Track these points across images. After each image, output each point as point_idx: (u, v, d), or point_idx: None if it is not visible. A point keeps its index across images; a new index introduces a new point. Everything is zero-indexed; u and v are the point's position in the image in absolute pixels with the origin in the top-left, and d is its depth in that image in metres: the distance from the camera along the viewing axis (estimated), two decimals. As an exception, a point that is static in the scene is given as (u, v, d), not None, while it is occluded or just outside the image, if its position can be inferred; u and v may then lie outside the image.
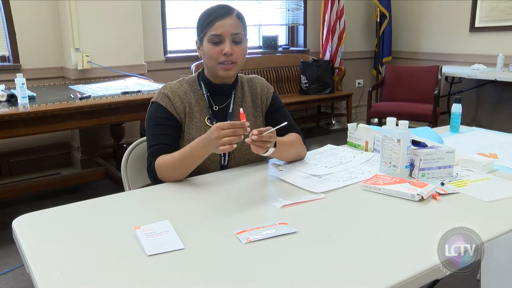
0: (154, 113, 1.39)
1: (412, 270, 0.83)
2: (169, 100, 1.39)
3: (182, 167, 1.30)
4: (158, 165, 1.31)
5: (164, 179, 1.32)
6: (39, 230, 1.02)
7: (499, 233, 0.97)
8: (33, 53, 3.40)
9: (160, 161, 1.31)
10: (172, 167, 1.30)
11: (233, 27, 1.34)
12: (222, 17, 1.34)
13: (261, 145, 1.20)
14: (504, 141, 1.74)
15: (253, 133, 1.18)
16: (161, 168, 1.30)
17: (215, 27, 1.33)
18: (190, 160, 1.29)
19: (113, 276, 0.83)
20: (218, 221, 1.05)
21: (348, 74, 5.03)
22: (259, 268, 0.85)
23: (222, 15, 1.34)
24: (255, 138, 1.18)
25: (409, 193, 1.15)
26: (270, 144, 1.23)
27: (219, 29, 1.33)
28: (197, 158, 1.29)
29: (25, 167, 3.48)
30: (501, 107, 4.43)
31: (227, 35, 1.34)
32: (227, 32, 1.34)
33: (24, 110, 2.36)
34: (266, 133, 1.19)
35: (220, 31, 1.33)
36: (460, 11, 4.54)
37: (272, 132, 1.22)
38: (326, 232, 1.00)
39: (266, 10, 4.76)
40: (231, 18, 1.35)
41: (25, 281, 2.12)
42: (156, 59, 4.00)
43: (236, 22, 1.36)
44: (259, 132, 1.18)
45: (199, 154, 1.27)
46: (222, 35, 1.34)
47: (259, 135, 1.18)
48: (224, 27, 1.33)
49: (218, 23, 1.33)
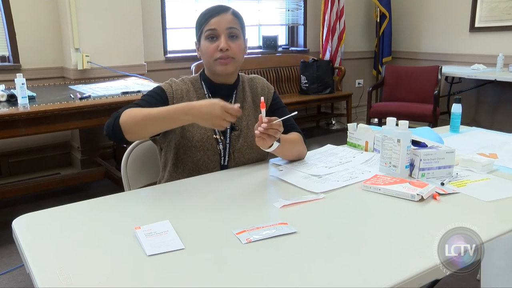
0: (152, 90, 1.40)
1: (412, 270, 0.83)
2: (171, 90, 1.40)
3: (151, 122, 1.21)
4: (128, 111, 1.23)
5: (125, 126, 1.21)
6: (39, 230, 1.02)
7: (499, 233, 0.97)
8: (33, 53, 3.40)
9: (132, 110, 1.24)
10: (141, 117, 1.21)
11: (228, 22, 1.35)
12: (217, 14, 1.35)
13: (272, 134, 1.20)
14: (504, 141, 1.74)
15: (263, 121, 1.18)
16: (130, 113, 1.22)
17: (210, 23, 1.35)
18: (164, 120, 1.20)
19: (113, 276, 0.83)
20: (218, 221, 1.05)
21: (348, 74, 5.03)
22: (259, 268, 0.85)
23: (217, 12, 1.36)
24: (265, 126, 1.17)
25: (409, 193, 1.15)
26: (277, 135, 1.23)
27: (214, 24, 1.34)
28: (173, 121, 1.21)
29: (25, 167, 3.48)
30: (501, 107, 4.43)
31: (222, 29, 1.34)
32: (221, 26, 1.34)
33: (24, 110, 2.36)
34: (276, 121, 1.20)
35: (214, 26, 1.34)
36: (460, 11, 4.54)
37: (280, 123, 1.22)
38: (326, 232, 1.00)
39: (266, 10, 4.76)
40: (226, 15, 1.36)
41: (25, 281, 2.12)
42: (156, 59, 4.00)
43: (231, 18, 1.37)
44: (269, 120, 1.18)
45: (180, 118, 1.20)
46: (216, 29, 1.34)
47: (269, 123, 1.18)
48: (219, 22, 1.34)
49: (213, 20, 1.35)
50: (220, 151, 1.40)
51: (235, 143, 1.43)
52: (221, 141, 1.41)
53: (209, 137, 1.39)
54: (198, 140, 1.38)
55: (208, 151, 1.38)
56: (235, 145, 1.42)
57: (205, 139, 1.38)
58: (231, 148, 1.42)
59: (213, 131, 1.40)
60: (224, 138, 1.41)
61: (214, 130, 1.40)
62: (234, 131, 1.43)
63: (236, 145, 1.42)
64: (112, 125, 1.24)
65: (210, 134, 1.39)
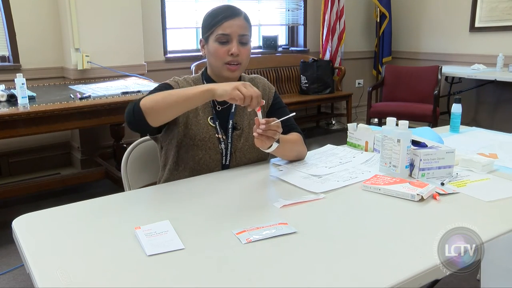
0: (159, 86, 1.40)
1: (412, 270, 0.83)
2: (178, 86, 1.40)
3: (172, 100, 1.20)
4: (146, 97, 1.24)
5: (146, 108, 1.21)
6: (39, 230, 1.02)
7: (499, 233, 0.97)
8: (33, 53, 3.40)
9: (150, 95, 1.25)
10: (161, 97, 1.21)
11: (241, 28, 1.35)
12: (230, 18, 1.35)
13: (271, 135, 1.20)
14: (504, 141, 1.74)
15: (261, 122, 1.17)
16: (149, 97, 1.23)
17: (224, 26, 1.34)
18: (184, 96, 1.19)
19: (113, 276, 0.83)
20: (218, 221, 1.05)
21: (348, 74, 5.03)
22: (259, 268, 0.85)
23: (230, 15, 1.35)
24: (264, 127, 1.17)
25: (409, 193, 1.15)
26: (276, 136, 1.22)
27: (227, 29, 1.34)
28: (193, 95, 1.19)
29: (25, 167, 3.48)
30: (501, 107, 4.43)
31: (235, 35, 1.34)
32: (235, 32, 1.34)
33: (24, 110, 2.36)
34: (274, 123, 1.20)
35: (228, 31, 1.34)
36: (460, 11, 4.54)
37: (278, 123, 1.22)
38: (326, 232, 1.00)
39: (266, 10, 4.76)
40: (239, 19, 1.36)
41: (25, 281, 2.12)
42: (156, 59, 4.00)
43: (243, 23, 1.36)
44: (266, 122, 1.18)
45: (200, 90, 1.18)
46: (230, 35, 1.34)
47: (267, 124, 1.18)
48: (232, 27, 1.34)
49: (226, 23, 1.34)
50: (221, 150, 1.41)
51: (237, 143, 1.43)
52: (223, 141, 1.41)
53: (211, 136, 1.39)
54: (200, 138, 1.38)
55: (210, 150, 1.39)
56: (236, 145, 1.43)
57: (207, 138, 1.38)
58: (233, 147, 1.42)
59: (216, 131, 1.40)
60: (226, 138, 1.42)
61: (216, 129, 1.40)
62: (236, 130, 1.43)
63: (238, 145, 1.43)
64: (133, 109, 1.23)
65: (212, 133, 1.39)
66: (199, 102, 1.22)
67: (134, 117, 1.22)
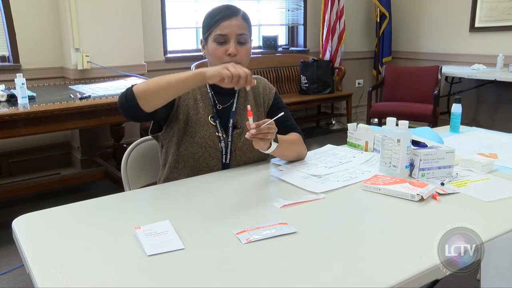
0: None
1: (412, 270, 0.83)
2: None
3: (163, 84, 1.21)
4: (140, 83, 1.25)
5: (139, 93, 1.22)
6: (39, 230, 1.02)
7: (499, 233, 0.97)
8: (33, 53, 3.40)
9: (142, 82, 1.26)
10: (153, 82, 1.22)
11: (239, 27, 1.35)
12: (228, 17, 1.35)
13: (262, 137, 1.20)
14: (504, 141, 1.74)
15: (252, 127, 1.18)
16: (142, 82, 1.25)
17: (221, 27, 1.34)
18: (176, 80, 1.20)
19: (113, 276, 0.83)
20: (218, 221, 1.05)
21: (348, 74, 5.03)
22: (259, 268, 0.85)
23: (228, 15, 1.35)
24: (254, 132, 1.18)
25: (409, 193, 1.15)
26: (271, 136, 1.22)
27: (225, 29, 1.34)
28: (185, 78, 1.20)
29: (25, 167, 3.48)
30: (501, 107, 4.43)
31: (232, 35, 1.34)
32: (232, 32, 1.34)
33: (24, 110, 2.36)
34: (264, 125, 1.20)
35: (225, 31, 1.34)
36: (460, 11, 4.54)
37: (271, 124, 1.22)
38: (326, 232, 1.00)
39: (266, 10, 4.76)
40: (237, 19, 1.36)
41: (25, 281, 2.12)
42: (156, 59, 4.00)
43: (241, 22, 1.36)
44: (257, 126, 1.18)
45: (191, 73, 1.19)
46: (227, 35, 1.34)
47: (257, 128, 1.18)
48: (229, 27, 1.34)
49: (223, 23, 1.34)
50: (221, 149, 1.41)
51: (237, 142, 1.43)
52: (223, 139, 1.41)
53: (212, 134, 1.39)
54: (200, 136, 1.38)
55: (210, 148, 1.39)
56: (236, 144, 1.43)
57: (208, 136, 1.39)
58: (233, 146, 1.42)
59: (216, 129, 1.40)
60: (226, 136, 1.42)
61: (217, 127, 1.40)
62: (236, 129, 1.43)
63: (238, 144, 1.43)
64: (125, 94, 1.24)
65: (212, 132, 1.40)
66: (191, 84, 1.23)
67: (126, 101, 1.23)
